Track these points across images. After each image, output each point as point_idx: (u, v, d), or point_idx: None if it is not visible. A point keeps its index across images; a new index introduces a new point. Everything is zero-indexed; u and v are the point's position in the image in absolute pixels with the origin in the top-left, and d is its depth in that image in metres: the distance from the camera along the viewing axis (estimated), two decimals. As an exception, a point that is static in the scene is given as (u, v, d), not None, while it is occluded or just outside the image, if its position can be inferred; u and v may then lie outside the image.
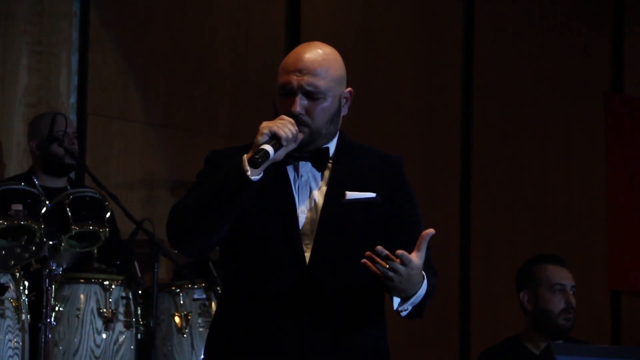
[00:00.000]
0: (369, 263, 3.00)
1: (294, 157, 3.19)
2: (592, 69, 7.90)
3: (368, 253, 3.01)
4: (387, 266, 3.00)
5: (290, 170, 3.20)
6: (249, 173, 3.03)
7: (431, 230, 3.10)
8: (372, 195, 3.21)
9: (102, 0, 6.23)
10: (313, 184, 3.20)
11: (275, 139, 3.06)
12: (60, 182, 5.55)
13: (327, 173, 3.22)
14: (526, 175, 7.67)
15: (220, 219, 3.07)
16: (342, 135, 3.31)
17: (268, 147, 3.04)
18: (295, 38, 6.81)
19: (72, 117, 6.05)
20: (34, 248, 4.68)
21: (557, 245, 7.49)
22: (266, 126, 3.07)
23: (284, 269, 3.12)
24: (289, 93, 3.17)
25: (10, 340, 4.75)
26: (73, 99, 6.11)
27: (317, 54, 3.22)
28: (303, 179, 3.20)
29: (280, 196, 3.16)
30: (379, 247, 3.01)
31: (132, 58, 6.31)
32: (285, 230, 3.14)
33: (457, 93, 7.49)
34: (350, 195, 3.18)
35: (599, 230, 7.78)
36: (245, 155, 3.06)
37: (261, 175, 3.06)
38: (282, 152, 3.10)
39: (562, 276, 4.88)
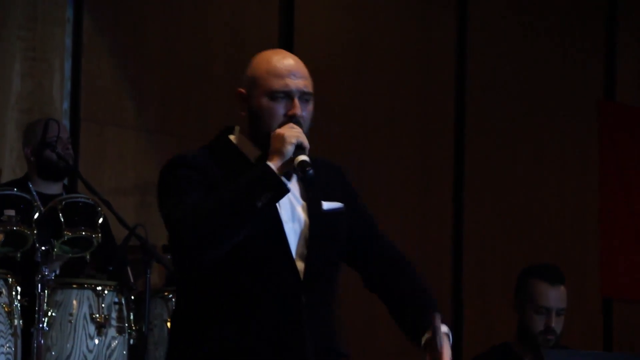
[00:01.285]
0: None
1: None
2: (585, 77, 7.92)
3: None
4: None
5: None
6: (285, 182, 3.03)
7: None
8: (340, 205, 3.24)
9: (96, 6, 6.24)
10: (289, 194, 3.14)
11: (300, 149, 3.06)
12: (56, 188, 5.55)
13: (295, 183, 3.20)
14: (519, 184, 7.68)
15: (247, 226, 3.03)
16: None
17: (307, 158, 3.04)
18: (289, 43, 6.82)
19: (65, 123, 6.05)
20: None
21: (550, 252, 7.51)
22: (292, 135, 3.05)
23: (278, 282, 3.10)
24: (285, 97, 3.16)
25: (2, 346, 4.74)
26: (66, 105, 6.11)
27: (297, 59, 3.23)
28: None
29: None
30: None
31: (126, 64, 6.32)
32: (275, 241, 3.11)
33: (451, 100, 7.51)
34: (325, 205, 3.20)
35: (592, 237, 7.79)
36: (270, 163, 3.02)
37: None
38: None
39: (551, 299, 4.83)
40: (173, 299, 5.24)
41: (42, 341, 4.83)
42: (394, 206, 7.14)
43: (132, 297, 5.14)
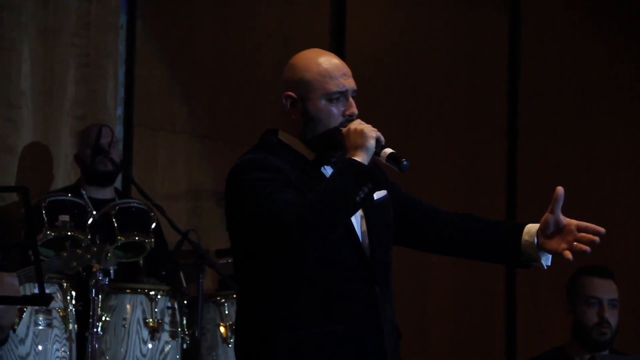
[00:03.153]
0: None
1: (323, 162, 3.25)
2: (639, 80, 7.85)
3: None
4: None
5: (325, 172, 3.24)
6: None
7: (561, 190, 3.38)
8: (386, 193, 3.33)
9: (148, 13, 6.29)
10: None
11: (378, 142, 3.17)
12: (108, 193, 5.60)
13: None
14: (572, 187, 7.62)
15: (347, 219, 3.14)
16: None
17: (392, 150, 3.18)
18: (341, 50, 6.83)
19: (119, 129, 6.11)
20: (95, 249, 4.72)
21: (603, 256, 7.41)
22: (372, 130, 3.16)
23: (354, 273, 3.18)
24: (342, 97, 3.22)
25: (58, 350, 4.81)
26: (119, 111, 6.17)
27: (338, 57, 3.30)
28: None
29: None
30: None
31: (177, 70, 6.36)
32: (347, 234, 3.19)
33: (503, 102, 7.47)
34: (376, 195, 3.26)
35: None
36: (356, 158, 3.10)
37: None
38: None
39: (601, 289, 4.83)
40: (225, 304, 5.27)
41: (96, 345, 4.89)
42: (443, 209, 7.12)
43: (185, 302, 5.18)
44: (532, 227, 3.36)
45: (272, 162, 3.16)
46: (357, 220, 3.22)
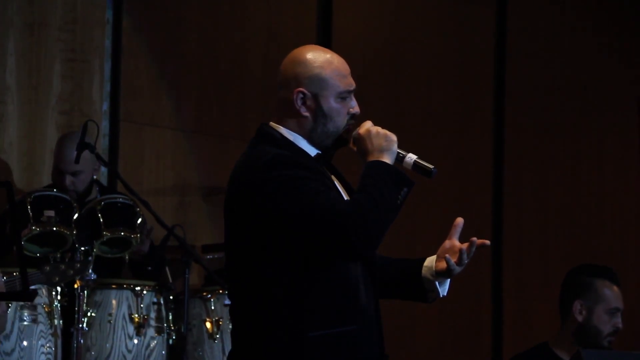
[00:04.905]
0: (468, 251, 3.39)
1: (325, 157, 3.27)
2: (626, 75, 7.86)
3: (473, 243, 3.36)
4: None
5: (324, 170, 3.27)
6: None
7: (461, 220, 3.46)
8: None
9: (135, 8, 6.27)
10: (338, 184, 3.29)
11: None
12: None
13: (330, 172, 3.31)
14: (559, 182, 7.64)
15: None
16: None
17: (416, 156, 3.28)
18: (327, 44, 6.82)
19: (105, 124, 6.09)
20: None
21: (589, 250, 7.46)
22: (391, 134, 3.27)
23: (363, 269, 3.21)
24: (350, 94, 3.27)
25: (43, 346, 4.79)
26: (105, 106, 6.15)
27: None
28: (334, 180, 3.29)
29: (341, 197, 3.22)
30: (474, 239, 3.37)
31: (164, 65, 6.35)
32: None
33: (489, 99, 7.48)
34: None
35: (632, 235, 7.73)
36: (386, 160, 3.19)
37: None
38: None
39: (620, 300, 4.82)
40: (212, 299, 5.26)
41: (81, 341, 4.88)
42: (431, 206, 7.13)
43: (171, 297, 5.17)
44: (430, 258, 3.43)
45: (299, 159, 3.15)
46: None
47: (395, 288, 3.38)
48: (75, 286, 4.88)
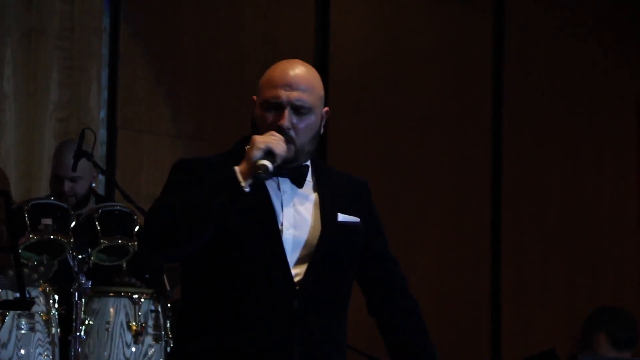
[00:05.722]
0: None
1: (274, 173, 3.13)
2: (624, 78, 7.86)
3: None
4: None
5: (271, 186, 3.16)
6: (243, 184, 3.00)
7: None
8: (357, 219, 3.23)
9: (132, 15, 6.28)
10: (297, 201, 3.17)
11: (270, 155, 3.04)
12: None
13: (309, 191, 3.21)
14: (558, 184, 7.64)
15: (207, 226, 3.04)
16: (313, 155, 3.29)
17: (268, 163, 3.02)
18: (325, 50, 6.83)
19: (102, 131, 6.10)
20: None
21: (588, 254, 7.46)
22: (262, 141, 3.03)
23: (270, 287, 3.10)
24: (276, 107, 3.14)
25: (40, 354, 4.79)
26: (103, 114, 6.16)
27: (303, 71, 3.19)
28: (285, 195, 3.17)
29: (263, 212, 3.13)
30: None
31: (162, 72, 6.36)
32: (270, 247, 3.11)
33: (488, 102, 7.48)
34: (341, 217, 3.20)
35: (631, 238, 7.73)
36: (237, 167, 3.02)
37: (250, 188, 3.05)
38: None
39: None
40: (209, 306, 5.25)
41: (79, 349, 4.87)
42: (429, 209, 7.13)
43: (169, 305, 5.16)
44: None
45: (200, 165, 3.12)
46: (295, 238, 3.14)
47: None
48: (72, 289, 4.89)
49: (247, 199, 3.05)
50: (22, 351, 4.74)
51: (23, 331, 4.75)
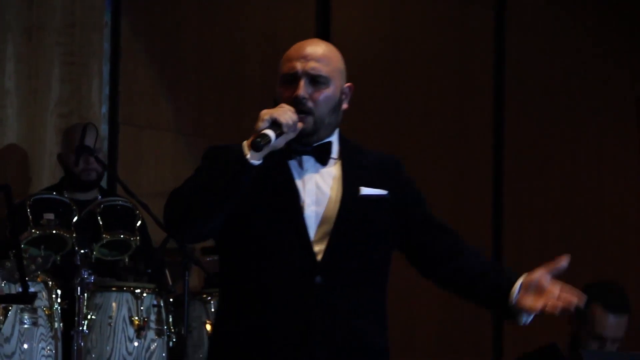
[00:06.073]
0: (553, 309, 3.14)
1: (297, 151, 3.18)
2: (625, 76, 7.86)
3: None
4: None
5: (293, 164, 3.18)
6: (248, 157, 3.01)
7: (567, 260, 3.25)
8: (384, 192, 3.22)
9: (133, 11, 6.28)
10: (319, 179, 3.18)
11: (275, 125, 3.04)
12: (90, 195, 5.58)
13: (335, 168, 3.21)
14: (559, 183, 7.64)
15: (218, 203, 3.05)
16: (340, 132, 3.31)
17: (269, 132, 3.02)
18: (325, 44, 6.82)
19: (104, 127, 6.10)
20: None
21: (589, 252, 7.46)
22: (267, 112, 3.04)
23: (292, 263, 3.11)
24: (292, 79, 3.17)
25: (43, 349, 4.79)
26: (104, 109, 6.16)
27: (320, 45, 3.24)
28: (308, 173, 3.18)
29: (284, 191, 3.15)
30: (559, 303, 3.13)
31: (163, 68, 6.36)
32: (292, 225, 3.12)
33: (489, 100, 7.48)
34: (365, 190, 3.19)
35: (631, 236, 7.74)
36: (245, 141, 3.04)
37: (261, 161, 3.04)
38: (282, 140, 3.07)
39: (612, 329, 4.69)
40: (212, 302, 5.25)
41: (82, 344, 4.87)
42: (430, 207, 7.13)
43: (171, 300, 5.16)
44: (519, 282, 3.28)
45: (227, 149, 3.11)
46: (317, 214, 3.15)
47: (481, 301, 3.28)
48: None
49: (262, 179, 3.06)
50: (25, 346, 4.74)
51: (26, 326, 4.75)
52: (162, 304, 5.09)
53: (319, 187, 3.17)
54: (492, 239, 7.39)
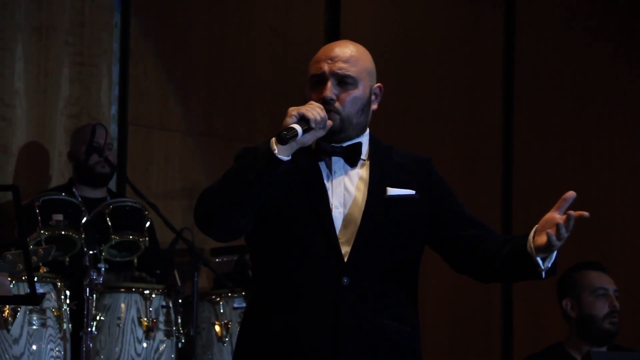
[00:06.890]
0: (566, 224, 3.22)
1: (326, 152, 3.21)
2: (635, 76, 7.83)
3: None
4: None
5: (322, 166, 3.21)
6: (276, 152, 3.04)
7: (573, 194, 3.28)
8: (412, 192, 3.24)
9: (143, 11, 6.28)
10: (347, 181, 3.21)
11: (303, 121, 3.07)
12: (100, 193, 5.59)
13: (363, 170, 3.24)
14: (568, 182, 7.61)
15: (247, 199, 3.08)
16: (371, 133, 3.33)
17: (297, 126, 3.05)
18: (335, 44, 6.81)
19: (113, 127, 6.10)
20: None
21: (600, 252, 7.43)
22: (294, 109, 3.09)
23: (320, 265, 3.13)
24: (320, 81, 3.20)
25: (52, 350, 4.79)
26: (114, 110, 6.15)
27: (348, 46, 3.29)
28: (336, 175, 3.21)
29: (313, 192, 3.18)
30: (571, 212, 3.19)
31: (172, 68, 6.35)
32: (320, 226, 3.15)
33: (498, 99, 7.46)
34: (392, 191, 3.21)
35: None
36: (273, 137, 3.07)
37: (289, 158, 3.07)
38: (310, 137, 3.10)
39: (604, 281, 4.87)
40: (220, 303, 5.26)
41: (90, 345, 4.88)
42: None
43: (180, 301, 5.16)
44: (533, 231, 3.32)
45: (257, 149, 3.14)
46: (344, 215, 3.17)
47: (508, 270, 3.28)
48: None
49: (292, 180, 3.12)
50: (34, 347, 4.74)
51: (35, 327, 4.76)
52: (171, 305, 5.09)
53: (346, 189, 3.20)
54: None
